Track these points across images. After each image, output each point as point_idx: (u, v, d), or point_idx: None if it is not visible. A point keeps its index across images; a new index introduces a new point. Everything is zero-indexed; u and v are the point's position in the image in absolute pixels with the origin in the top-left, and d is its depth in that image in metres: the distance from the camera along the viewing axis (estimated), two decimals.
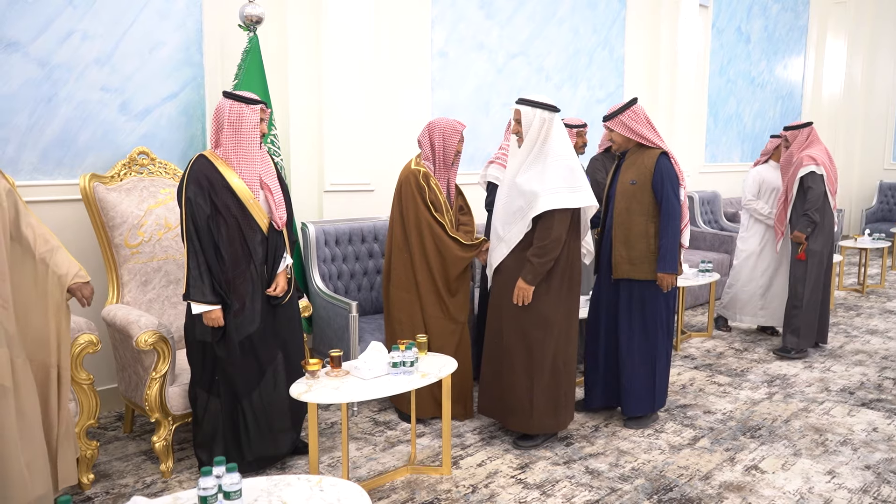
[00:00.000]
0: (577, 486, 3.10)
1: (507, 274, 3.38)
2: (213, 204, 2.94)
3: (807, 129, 4.98)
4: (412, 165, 3.67)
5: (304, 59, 4.43)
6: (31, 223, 2.61)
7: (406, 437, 3.58)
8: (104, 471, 3.18)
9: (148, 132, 3.85)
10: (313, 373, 2.89)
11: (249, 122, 3.01)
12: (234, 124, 2.99)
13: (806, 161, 4.84)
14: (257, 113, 3.03)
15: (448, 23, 5.36)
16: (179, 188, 2.96)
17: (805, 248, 4.85)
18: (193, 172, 2.94)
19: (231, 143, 3.00)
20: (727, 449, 3.49)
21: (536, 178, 3.25)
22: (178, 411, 3.15)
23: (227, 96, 3.03)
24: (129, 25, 3.73)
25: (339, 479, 2.17)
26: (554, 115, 3.29)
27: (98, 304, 3.66)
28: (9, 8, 3.35)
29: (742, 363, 4.88)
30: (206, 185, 2.93)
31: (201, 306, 2.93)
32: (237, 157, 3.01)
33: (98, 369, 3.60)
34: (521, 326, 3.34)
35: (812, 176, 4.82)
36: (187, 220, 2.91)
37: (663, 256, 3.50)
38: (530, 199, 3.24)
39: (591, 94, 6.71)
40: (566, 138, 3.32)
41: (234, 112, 2.99)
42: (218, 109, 3.03)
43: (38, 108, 3.49)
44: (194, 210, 2.91)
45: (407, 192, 3.61)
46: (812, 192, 4.82)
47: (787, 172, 5.02)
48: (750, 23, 8.90)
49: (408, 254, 3.64)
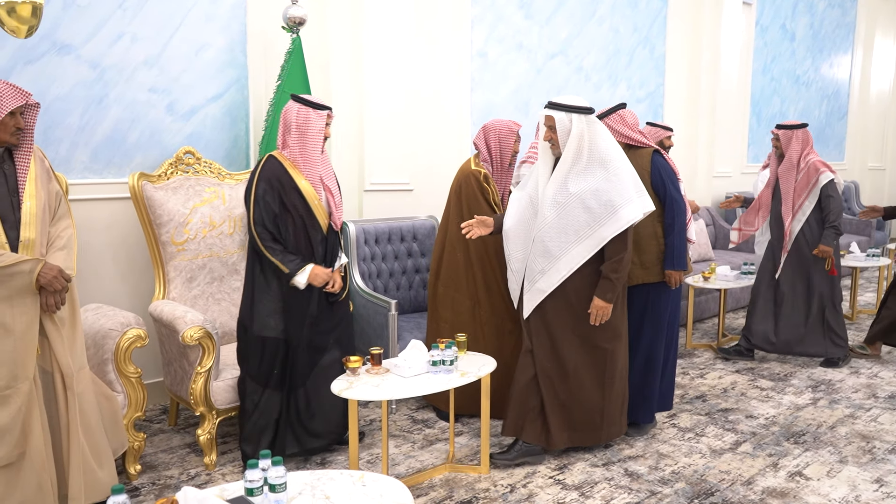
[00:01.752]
0: (616, 488, 3.08)
1: (563, 295, 3.11)
2: (283, 203, 3.05)
3: (802, 130, 4.63)
4: (472, 166, 3.67)
5: (345, 59, 4.48)
6: (60, 225, 2.62)
7: (444, 436, 3.60)
8: (150, 462, 3.26)
9: (193, 132, 3.94)
10: (354, 370, 2.93)
11: (315, 126, 3.09)
12: (301, 127, 3.08)
13: (821, 167, 4.54)
14: (324, 118, 3.12)
15: (487, 23, 5.36)
16: (249, 186, 3.07)
17: (833, 263, 4.58)
18: (265, 172, 3.05)
19: (297, 146, 3.10)
20: (770, 454, 3.44)
21: (604, 187, 2.98)
22: (222, 405, 3.21)
23: (296, 100, 3.12)
24: (177, 28, 3.82)
25: (380, 475, 2.19)
26: (590, 116, 3.08)
27: (145, 299, 3.76)
28: (63, 12, 3.45)
29: (785, 367, 4.79)
30: (277, 185, 3.04)
31: (303, 273, 3.03)
32: (303, 159, 3.10)
33: (145, 363, 3.69)
34: (592, 342, 3.18)
35: (832, 185, 4.53)
36: (256, 216, 3.01)
37: (671, 254, 3.41)
38: (606, 212, 2.97)
39: (631, 93, 6.64)
40: (612, 139, 3.13)
41: (301, 116, 3.08)
42: (286, 112, 3.11)
43: (89, 108, 3.60)
44: (264, 208, 3.01)
45: (468, 192, 3.61)
46: (833, 201, 4.52)
47: (789, 177, 4.63)
48: (795, 20, 8.71)
49: (461, 253, 3.64)
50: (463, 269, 3.64)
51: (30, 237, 2.48)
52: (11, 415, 2.43)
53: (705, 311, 6.00)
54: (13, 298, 2.42)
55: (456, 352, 3.03)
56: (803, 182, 4.60)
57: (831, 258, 4.56)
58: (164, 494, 2.98)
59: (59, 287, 2.46)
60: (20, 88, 2.49)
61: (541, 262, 3.10)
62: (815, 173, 4.55)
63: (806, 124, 4.66)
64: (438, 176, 5.04)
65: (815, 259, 4.63)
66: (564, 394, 3.22)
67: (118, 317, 3.03)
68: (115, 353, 2.95)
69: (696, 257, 6.43)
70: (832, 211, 4.52)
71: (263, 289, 3.11)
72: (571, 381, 3.20)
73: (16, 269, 2.38)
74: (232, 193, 3.77)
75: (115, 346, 2.95)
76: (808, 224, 4.61)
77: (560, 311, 3.15)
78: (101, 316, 3.08)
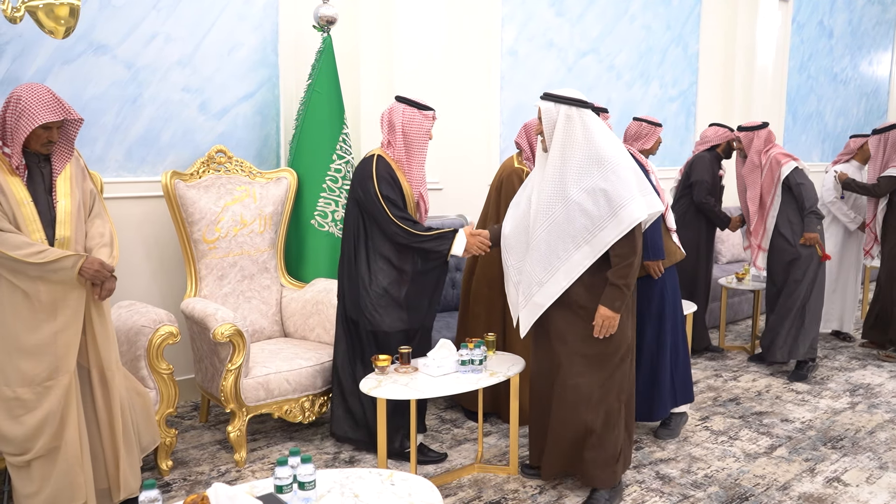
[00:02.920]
0: (648, 491, 3.03)
1: (562, 305, 2.81)
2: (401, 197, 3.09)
3: (764, 130, 4.48)
4: (514, 164, 3.65)
5: (375, 58, 4.48)
6: (96, 224, 2.66)
7: (472, 436, 3.58)
8: (181, 458, 3.29)
9: (225, 131, 3.97)
10: (383, 368, 2.93)
11: (422, 127, 3.11)
12: (406, 129, 3.10)
13: (782, 159, 4.36)
14: (430, 120, 3.12)
15: (518, 21, 5.33)
16: (364, 183, 3.06)
17: (823, 247, 4.39)
18: (381, 171, 3.07)
19: (403, 147, 3.12)
20: (806, 459, 3.36)
21: (602, 186, 2.66)
22: (252, 403, 3.23)
23: (400, 100, 3.12)
24: (209, 28, 3.85)
25: (409, 474, 2.18)
26: (583, 110, 2.74)
27: (177, 296, 3.79)
28: (99, 13, 3.50)
29: (822, 370, 4.68)
30: (394, 184, 3.07)
31: (457, 244, 3.07)
32: (408, 160, 3.14)
33: (176, 360, 3.72)
34: (599, 361, 2.85)
35: (797, 172, 4.36)
36: (395, 212, 3.02)
37: (645, 245, 3.23)
38: (605, 213, 2.66)
39: (663, 92, 6.56)
40: (609, 134, 2.79)
41: (406, 116, 3.09)
42: (391, 112, 3.13)
43: (124, 107, 3.64)
44: (394, 202, 3.03)
45: (509, 189, 3.58)
46: (804, 187, 4.33)
47: (753, 178, 4.50)
48: (833, 17, 8.52)
49: (498, 250, 3.63)
50: (498, 267, 3.62)
51: (65, 235, 2.53)
52: (52, 406, 2.48)
53: (738, 312, 5.90)
54: (57, 293, 2.47)
55: (485, 351, 3.01)
56: (768, 179, 4.43)
57: (819, 244, 4.37)
58: (195, 490, 3.00)
59: (103, 278, 2.52)
60: (62, 104, 2.48)
61: (539, 273, 2.80)
62: (777, 167, 4.38)
63: (766, 124, 4.53)
64: (468, 175, 5.02)
65: (795, 259, 4.40)
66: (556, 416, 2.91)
67: (151, 314, 3.06)
68: (147, 349, 2.99)
69: (730, 258, 6.33)
70: (807, 198, 4.33)
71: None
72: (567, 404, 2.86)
73: (58, 265, 2.43)
74: (262, 192, 3.79)
75: (148, 343, 2.98)
76: (788, 220, 4.41)
77: (563, 325, 2.83)
78: (134, 313, 3.11)
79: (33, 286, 2.45)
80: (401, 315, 3.14)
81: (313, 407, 3.43)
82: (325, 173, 3.90)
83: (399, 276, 3.12)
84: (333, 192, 3.91)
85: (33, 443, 2.49)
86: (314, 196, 3.90)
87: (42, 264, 2.40)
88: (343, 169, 3.94)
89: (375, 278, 3.12)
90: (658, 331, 3.46)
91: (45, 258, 2.41)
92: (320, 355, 3.47)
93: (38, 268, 2.40)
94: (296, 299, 3.80)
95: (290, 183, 3.88)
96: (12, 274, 2.43)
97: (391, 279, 3.12)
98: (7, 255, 2.38)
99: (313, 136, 3.90)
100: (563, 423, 2.88)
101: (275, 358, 3.40)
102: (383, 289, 3.11)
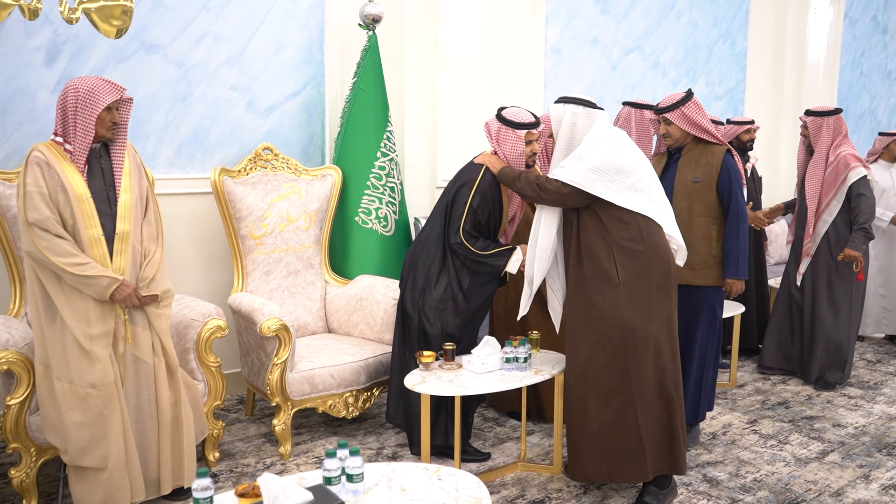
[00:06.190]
0: (695, 494, 2.98)
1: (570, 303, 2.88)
2: (488, 217, 3.11)
3: (834, 117, 4.07)
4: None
5: (420, 57, 4.49)
6: (147, 237, 2.73)
7: (515, 434, 3.56)
8: (228, 450, 3.34)
9: (272, 129, 4.02)
10: (427, 365, 2.93)
11: (516, 148, 3.09)
12: (502, 146, 3.11)
13: (852, 162, 3.99)
14: (522, 139, 3.08)
15: (562, 19, 5.29)
16: (462, 188, 3.09)
17: (862, 268, 4.06)
18: (483, 184, 3.08)
19: (505, 162, 3.12)
20: (860, 465, 3.26)
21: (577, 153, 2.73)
22: (298, 397, 3.26)
23: (498, 117, 3.13)
24: (257, 27, 3.91)
25: (456, 469, 2.18)
26: (591, 110, 2.78)
27: (225, 291, 3.85)
28: (152, 12, 3.58)
29: (875, 375, 4.55)
30: (489, 201, 3.09)
31: (512, 262, 3.07)
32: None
33: (223, 354, 3.78)
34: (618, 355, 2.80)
35: (864, 182, 4.00)
36: (466, 225, 3.05)
37: (734, 261, 3.22)
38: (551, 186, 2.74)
39: (710, 89, 6.44)
40: (617, 137, 2.79)
41: (501, 135, 3.11)
42: (488, 127, 3.16)
43: (174, 106, 3.72)
44: (470, 218, 3.06)
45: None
46: (865, 200, 3.97)
47: (814, 172, 4.13)
48: (888, 12, 8.27)
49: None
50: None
51: (125, 230, 2.60)
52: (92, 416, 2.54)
53: None
54: (90, 303, 2.55)
55: (529, 349, 2.99)
56: (831, 178, 4.06)
57: (860, 261, 4.02)
58: (242, 482, 3.04)
59: (131, 305, 2.62)
60: (114, 84, 2.59)
61: (554, 279, 3.01)
62: (846, 168, 4.00)
63: (840, 110, 4.12)
64: None
65: (840, 265, 4.13)
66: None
67: (199, 307, 3.11)
68: (196, 342, 3.04)
69: (778, 259, 6.18)
70: (862, 212, 3.98)
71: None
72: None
73: (94, 281, 2.51)
74: (307, 189, 3.83)
75: (197, 336, 3.03)
76: (835, 225, 4.11)
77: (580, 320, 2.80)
78: (183, 306, 3.17)
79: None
80: (454, 322, 3.13)
81: (357, 402, 3.45)
82: (370, 171, 3.92)
83: (459, 285, 3.13)
84: (377, 190, 3.93)
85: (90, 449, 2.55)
86: (358, 193, 3.92)
87: (79, 276, 2.48)
88: (387, 167, 3.95)
89: (441, 281, 3.13)
90: (690, 343, 3.36)
91: (84, 271, 2.49)
92: (364, 351, 3.49)
93: (75, 278, 2.49)
94: (340, 295, 3.83)
95: (334, 180, 3.91)
96: (56, 277, 2.52)
97: (455, 287, 3.13)
98: (51, 260, 2.47)
99: (358, 133, 3.92)
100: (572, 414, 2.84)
101: (319, 353, 3.43)
102: (444, 293, 3.12)
